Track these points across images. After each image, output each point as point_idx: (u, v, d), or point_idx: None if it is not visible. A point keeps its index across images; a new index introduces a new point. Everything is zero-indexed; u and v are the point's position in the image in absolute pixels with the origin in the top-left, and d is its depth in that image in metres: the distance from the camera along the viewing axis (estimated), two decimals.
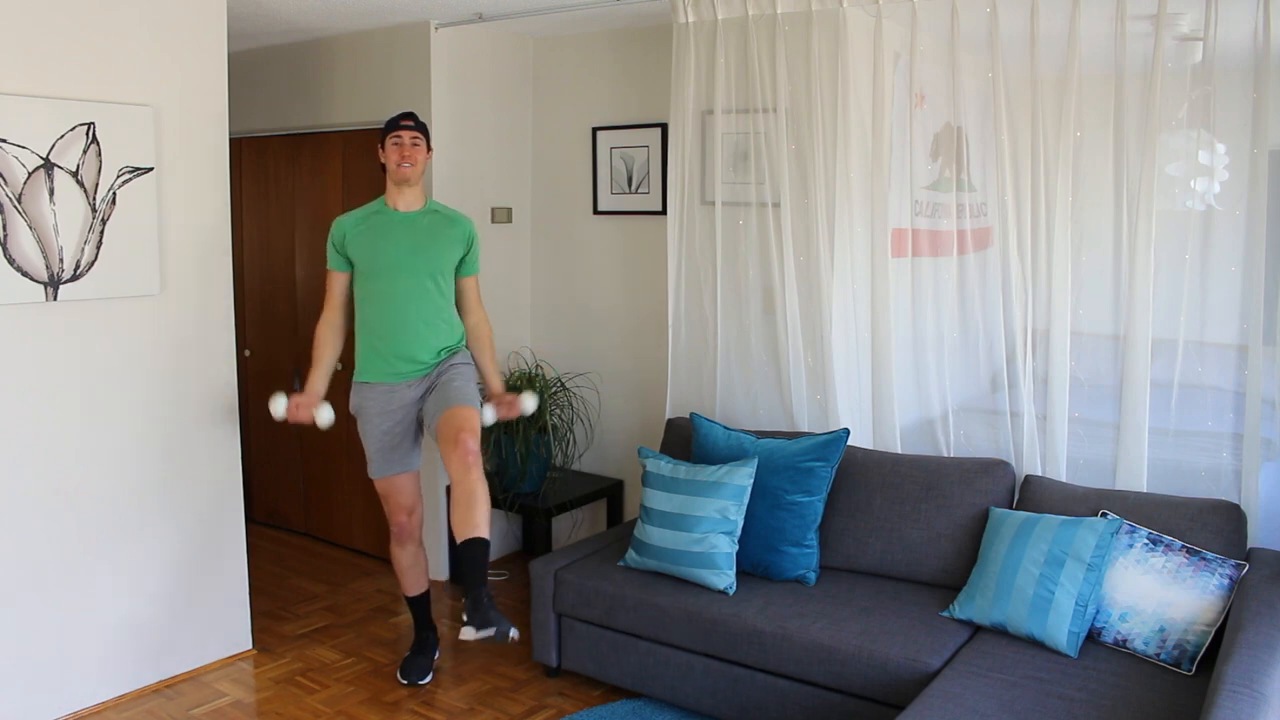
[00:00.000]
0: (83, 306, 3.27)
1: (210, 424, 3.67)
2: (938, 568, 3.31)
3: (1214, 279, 3.14)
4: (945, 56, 3.43)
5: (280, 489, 5.26)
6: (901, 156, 3.61)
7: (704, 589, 3.32)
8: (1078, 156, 3.27)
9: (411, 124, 3.46)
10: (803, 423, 3.81)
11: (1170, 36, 3.11)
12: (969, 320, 3.58)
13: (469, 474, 3.18)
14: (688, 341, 4.07)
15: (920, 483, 3.40)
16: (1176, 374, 3.19)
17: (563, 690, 3.58)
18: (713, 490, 3.37)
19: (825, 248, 3.66)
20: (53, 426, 3.23)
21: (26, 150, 3.07)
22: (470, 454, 3.20)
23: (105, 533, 3.38)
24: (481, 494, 3.16)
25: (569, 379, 4.72)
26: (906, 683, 2.82)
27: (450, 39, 4.38)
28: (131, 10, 3.31)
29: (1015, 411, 3.45)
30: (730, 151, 3.92)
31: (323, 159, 4.82)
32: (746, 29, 3.75)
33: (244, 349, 5.12)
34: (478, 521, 3.12)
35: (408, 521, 3.60)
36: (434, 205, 3.58)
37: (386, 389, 3.46)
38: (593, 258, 4.73)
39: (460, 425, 3.26)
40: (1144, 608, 2.84)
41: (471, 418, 3.31)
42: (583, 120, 4.69)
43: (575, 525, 4.86)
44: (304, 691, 3.58)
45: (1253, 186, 3.01)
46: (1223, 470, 3.19)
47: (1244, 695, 2.26)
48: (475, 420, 3.32)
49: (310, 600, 4.40)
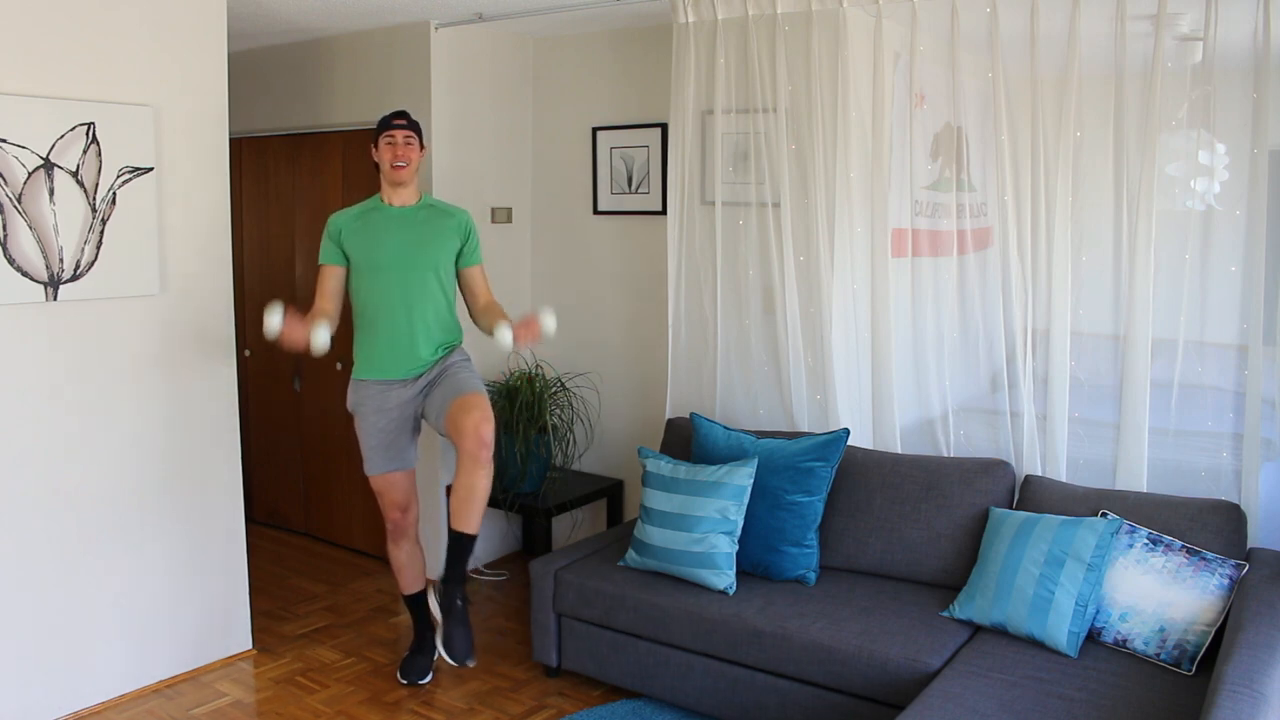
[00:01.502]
0: (83, 306, 3.27)
1: (210, 424, 3.67)
2: (938, 568, 3.31)
3: (1214, 279, 3.14)
4: (945, 56, 3.43)
5: (280, 489, 5.26)
6: (901, 156, 3.61)
7: (704, 589, 3.32)
8: (1078, 156, 3.27)
9: (404, 123, 3.45)
10: (803, 423, 3.81)
11: (1170, 36, 3.11)
12: (969, 320, 3.58)
13: (478, 468, 3.20)
14: (688, 341, 4.07)
15: (920, 483, 3.40)
16: (1176, 374, 3.19)
17: (563, 690, 3.58)
18: (713, 490, 3.37)
19: (825, 248, 3.66)
20: (53, 426, 3.23)
21: (26, 150, 3.07)
22: (486, 447, 3.19)
23: (105, 533, 3.38)
24: (482, 491, 3.23)
25: (569, 379, 4.72)
26: (906, 683, 2.82)
27: (450, 39, 4.38)
28: (131, 10, 3.31)
29: (1015, 411, 3.45)
30: (730, 151, 3.92)
31: (323, 159, 4.82)
32: (746, 29, 3.75)
33: (244, 349, 5.12)
34: (472, 520, 3.26)
35: (402, 519, 3.60)
36: (429, 200, 3.57)
37: (383, 386, 3.45)
38: (593, 258, 4.73)
39: (481, 416, 3.22)
40: (1144, 608, 2.84)
41: (487, 405, 3.29)
42: (583, 120, 4.69)
43: (575, 525, 4.86)
44: (304, 691, 3.58)
45: (1253, 186, 3.01)
46: (1223, 470, 3.19)
47: (1244, 695, 2.26)
48: (490, 409, 3.30)
49: (310, 600, 4.40)
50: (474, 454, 3.20)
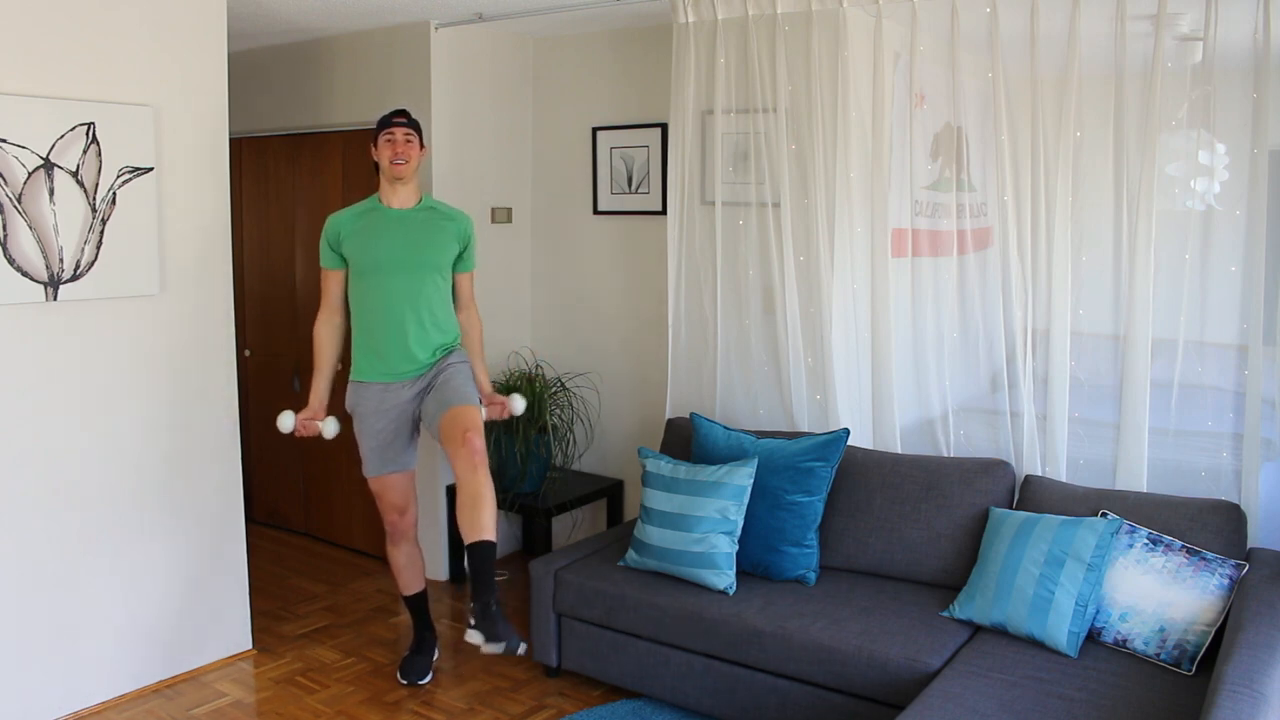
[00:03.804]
0: (83, 306, 3.27)
1: (210, 424, 3.67)
2: (938, 568, 3.31)
3: (1214, 279, 3.14)
4: (945, 56, 3.43)
5: (280, 489, 5.26)
6: (901, 156, 3.61)
7: (704, 589, 3.32)
8: (1078, 156, 3.27)
9: (404, 121, 3.45)
10: (803, 423, 3.81)
11: (1170, 36, 3.10)
12: (969, 320, 3.58)
13: (475, 474, 3.17)
14: (688, 341, 4.07)
15: (920, 483, 3.40)
16: (1176, 374, 3.19)
17: (563, 690, 3.58)
18: (713, 490, 3.37)
19: (825, 248, 3.66)
20: (53, 426, 3.23)
21: (26, 150, 3.07)
22: (477, 453, 3.18)
23: (105, 533, 3.38)
24: (487, 495, 3.14)
25: (569, 379, 4.72)
26: (906, 683, 2.82)
27: (450, 39, 4.38)
28: (131, 10, 3.31)
29: (1015, 411, 3.45)
30: (730, 151, 3.92)
31: (323, 159, 4.82)
32: (746, 29, 3.75)
33: (244, 349, 5.12)
34: (485, 524, 3.10)
35: (400, 520, 3.59)
36: (429, 201, 3.57)
37: (382, 388, 3.45)
38: (593, 258, 4.73)
39: (466, 424, 3.24)
40: (1144, 608, 2.84)
41: (475, 416, 3.31)
42: (583, 120, 4.69)
43: (575, 525, 4.86)
44: (304, 691, 3.58)
45: (1253, 186, 3.01)
46: (1223, 470, 3.19)
47: (1244, 695, 2.26)
48: (479, 419, 3.32)
49: (310, 600, 4.40)
50: (468, 463, 3.18)
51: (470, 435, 3.21)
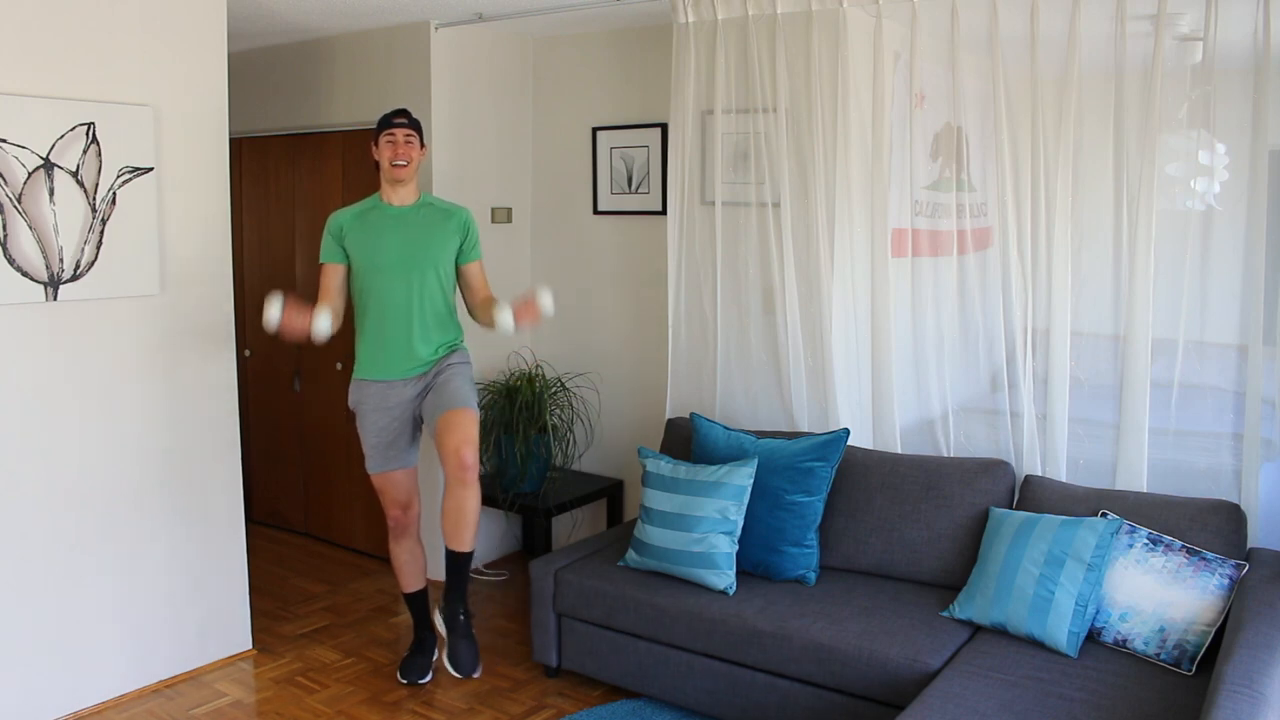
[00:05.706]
0: (83, 306, 3.27)
1: (210, 424, 3.67)
2: (938, 568, 3.31)
3: (1214, 279, 3.14)
4: (945, 56, 3.43)
5: (280, 489, 5.26)
6: (901, 156, 3.61)
7: (704, 589, 3.32)
8: (1078, 156, 3.27)
9: (405, 121, 3.44)
10: (803, 423, 3.81)
11: (1170, 36, 3.10)
12: (969, 320, 3.58)
13: (464, 489, 3.29)
14: (688, 341, 4.07)
15: (920, 483, 3.40)
16: (1176, 374, 3.19)
17: (563, 690, 3.58)
18: (713, 490, 3.37)
19: (825, 248, 3.66)
20: (53, 426, 3.23)
21: (26, 150, 3.07)
22: (468, 469, 3.25)
23: (105, 532, 3.38)
24: (471, 510, 3.32)
25: (569, 379, 4.72)
26: (906, 683, 2.82)
27: (450, 39, 4.38)
28: (131, 10, 3.31)
29: (1015, 411, 3.45)
30: (730, 151, 3.92)
31: (323, 159, 4.82)
32: (746, 29, 3.75)
33: (244, 349, 5.12)
34: (464, 538, 3.34)
35: (403, 516, 3.60)
36: (428, 199, 3.56)
37: (384, 386, 3.45)
38: (593, 258, 4.73)
39: (461, 438, 3.27)
40: (1144, 608, 2.84)
41: (470, 425, 3.32)
42: (583, 120, 4.69)
43: (575, 525, 4.86)
44: (304, 691, 3.58)
45: (1253, 186, 3.01)
46: (1223, 470, 3.19)
47: (1244, 695, 2.26)
48: (474, 429, 3.33)
49: (310, 600, 4.40)
50: (457, 477, 3.28)
51: (464, 451, 3.25)
